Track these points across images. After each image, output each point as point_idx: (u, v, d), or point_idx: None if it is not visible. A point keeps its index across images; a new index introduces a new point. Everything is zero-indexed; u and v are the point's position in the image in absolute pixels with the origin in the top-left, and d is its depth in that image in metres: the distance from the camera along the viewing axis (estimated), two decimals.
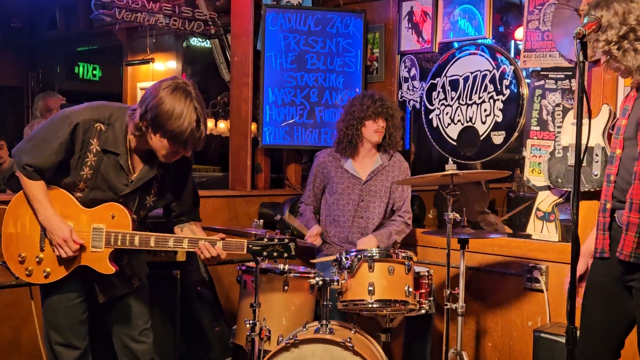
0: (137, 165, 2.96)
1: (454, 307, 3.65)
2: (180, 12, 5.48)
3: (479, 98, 4.47)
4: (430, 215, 5.47)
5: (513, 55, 4.55)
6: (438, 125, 4.68)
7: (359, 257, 3.47)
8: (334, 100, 5.05)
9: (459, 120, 4.56)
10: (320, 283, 3.44)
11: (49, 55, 9.60)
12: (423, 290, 3.67)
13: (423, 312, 3.68)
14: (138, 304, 3.17)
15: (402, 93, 4.97)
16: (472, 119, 4.50)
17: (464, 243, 3.71)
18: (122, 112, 2.90)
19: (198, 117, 2.75)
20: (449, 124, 4.62)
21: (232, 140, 5.18)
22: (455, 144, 4.59)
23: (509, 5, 5.89)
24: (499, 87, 4.37)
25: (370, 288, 3.41)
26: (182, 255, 3.95)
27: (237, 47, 5.14)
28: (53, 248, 2.89)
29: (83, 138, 2.84)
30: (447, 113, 4.63)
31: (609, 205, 2.68)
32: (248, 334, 3.47)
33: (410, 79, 4.93)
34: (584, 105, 2.40)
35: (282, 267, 3.66)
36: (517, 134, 4.29)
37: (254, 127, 5.13)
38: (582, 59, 2.40)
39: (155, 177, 3.01)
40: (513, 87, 4.31)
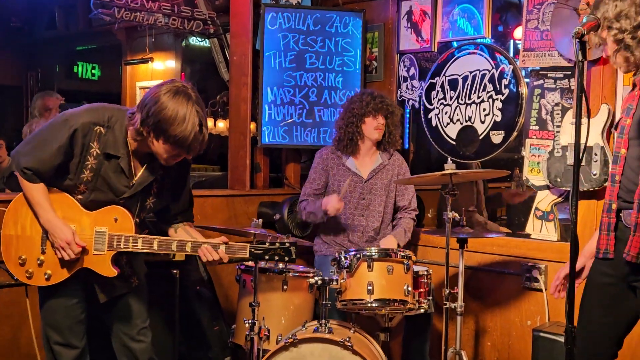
0: (137, 168, 2.96)
1: (453, 306, 3.65)
2: (180, 11, 5.47)
3: (478, 97, 4.47)
4: (430, 215, 5.47)
5: (512, 55, 4.55)
6: (437, 125, 4.68)
7: (358, 256, 3.47)
8: (333, 100, 5.05)
9: (458, 120, 4.57)
10: (319, 282, 3.44)
11: (48, 55, 9.59)
12: (422, 290, 3.67)
13: (422, 311, 3.68)
14: (137, 303, 3.17)
15: (401, 92, 4.96)
16: (471, 119, 4.50)
17: (463, 242, 3.71)
18: (121, 114, 2.90)
19: (200, 120, 2.76)
20: (448, 124, 4.62)
21: (231, 140, 5.18)
22: (454, 144, 4.59)
23: (508, 5, 5.87)
24: (498, 86, 4.37)
25: (370, 287, 3.41)
26: (180, 255, 3.94)
27: (236, 46, 5.14)
28: (55, 250, 2.88)
29: (83, 142, 2.83)
30: (446, 112, 4.64)
31: (615, 206, 2.67)
32: (247, 334, 3.47)
33: (410, 79, 4.93)
34: (583, 105, 2.40)
35: (281, 266, 3.67)
36: (516, 134, 4.29)
37: (253, 126, 5.12)
38: (581, 59, 2.40)
39: (155, 179, 3.01)
40: (512, 86, 4.31)
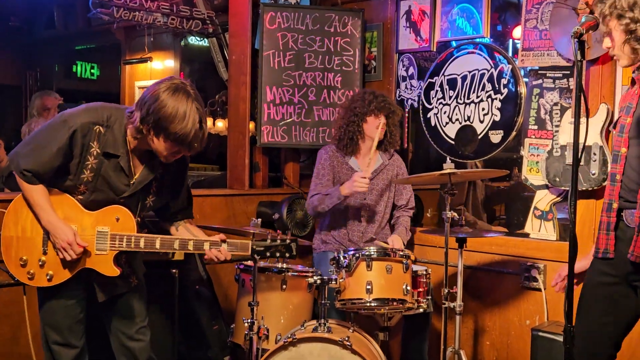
0: (137, 167, 2.96)
1: (452, 305, 3.65)
2: (178, 10, 5.47)
3: (477, 97, 4.47)
4: (429, 214, 5.48)
5: (511, 54, 4.55)
6: (436, 124, 4.68)
7: (357, 255, 3.47)
8: (332, 99, 5.05)
9: (457, 119, 4.57)
10: (319, 282, 3.44)
11: (47, 54, 9.58)
12: (421, 289, 3.68)
13: (421, 310, 3.69)
14: (136, 302, 3.17)
15: (400, 92, 4.97)
16: (470, 118, 4.50)
17: (462, 242, 3.71)
18: (120, 113, 2.90)
19: (200, 117, 2.77)
20: (447, 123, 4.62)
21: (230, 139, 5.18)
22: (453, 143, 4.59)
23: (507, 4, 5.88)
24: (497, 86, 4.37)
25: (369, 287, 3.41)
26: (180, 254, 3.94)
27: (235, 45, 5.13)
28: (56, 251, 2.88)
29: (82, 142, 2.83)
30: (445, 112, 4.64)
31: (615, 205, 2.66)
32: (246, 333, 3.48)
33: (408, 78, 4.93)
34: (582, 104, 2.40)
35: (280, 266, 3.67)
36: (515, 133, 4.30)
37: (252, 126, 5.12)
38: (579, 58, 2.40)
39: (155, 177, 3.01)
40: (511, 86, 4.31)
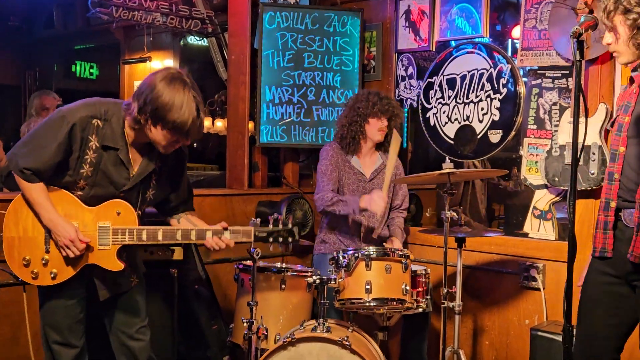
0: (136, 159, 2.96)
1: (451, 305, 3.65)
2: (178, 10, 5.47)
3: (476, 97, 4.47)
4: (428, 214, 5.48)
5: (510, 54, 4.55)
6: (435, 124, 4.68)
7: (356, 255, 3.47)
8: (331, 99, 5.05)
9: (456, 119, 4.57)
10: (318, 281, 3.44)
11: (47, 54, 9.58)
12: (420, 289, 3.68)
13: (420, 310, 3.69)
14: (136, 302, 3.17)
15: (399, 92, 4.97)
16: (469, 118, 4.51)
17: (461, 241, 3.71)
18: (117, 107, 2.91)
19: (197, 105, 2.78)
20: (446, 123, 4.62)
21: (229, 139, 5.18)
22: (453, 143, 4.59)
23: (506, 4, 5.88)
24: (496, 85, 4.38)
25: (368, 286, 3.41)
26: (179, 254, 3.94)
27: (234, 45, 5.13)
28: (59, 249, 2.88)
29: (81, 136, 2.83)
30: (444, 112, 4.64)
31: (614, 204, 2.66)
32: (245, 333, 3.47)
33: (408, 78, 4.93)
34: (581, 104, 2.40)
35: (279, 265, 3.67)
36: (514, 133, 4.30)
37: (251, 125, 5.12)
38: (578, 58, 2.40)
39: (154, 170, 3.01)
40: (510, 85, 4.31)
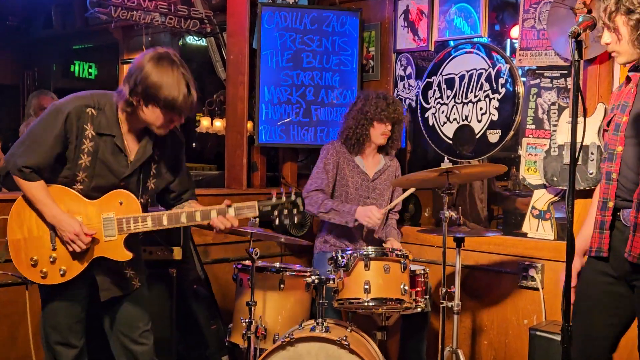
0: (132, 147, 2.97)
1: (450, 305, 3.65)
2: (176, 10, 5.47)
3: (475, 96, 4.47)
4: (426, 214, 5.48)
5: (509, 54, 4.56)
6: (434, 124, 4.69)
7: (355, 255, 3.47)
8: (330, 99, 5.05)
9: (455, 119, 4.57)
10: (316, 281, 3.44)
11: (45, 54, 9.58)
12: (419, 289, 3.68)
13: (419, 310, 3.69)
14: (138, 306, 3.16)
15: (398, 92, 4.97)
16: (467, 118, 4.51)
17: (460, 241, 3.71)
18: (109, 97, 2.94)
19: (187, 82, 2.82)
20: (445, 123, 4.62)
21: (228, 139, 5.18)
22: (451, 143, 4.59)
23: (505, 4, 5.89)
24: (495, 85, 4.38)
25: (366, 286, 3.41)
26: (178, 254, 3.95)
27: (233, 45, 5.13)
28: (65, 245, 2.88)
29: (77, 125, 2.85)
30: (442, 112, 4.64)
31: (611, 204, 2.66)
32: (244, 332, 3.48)
33: (406, 78, 4.93)
34: (579, 104, 2.41)
35: (278, 265, 3.68)
36: (512, 133, 4.30)
37: (250, 125, 5.12)
38: (577, 58, 2.40)
39: (153, 158, 3.03)
40: (509, 85, 4.32)
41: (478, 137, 4.45)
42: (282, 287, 3.62)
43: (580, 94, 2.42)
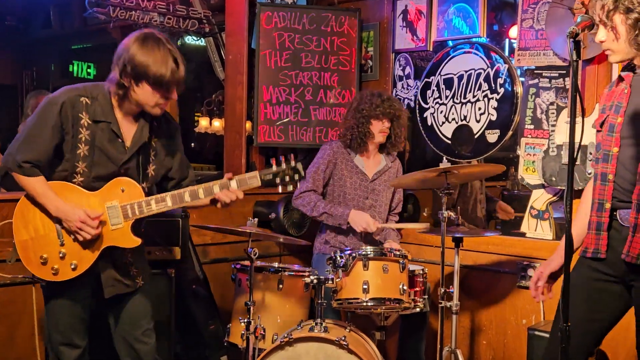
0: (129, 133, 2.99)
1: (449, 305, 3.65)
2: (175, 10, 5.47)
3: (474, 96, 4.47)
4: (425, 214, 5.48)
5: (507, 54, 4.56)
6: (432, 124, 4.69)
7: (354, 255, 3.47)
8: (329, 99, 5.05)
9: (454, 119, 4.57)
10: (315, 281, 3.44)
11: (44, 54, 9.58)
12: (417, 289, 3.68)
13: (418, 310, 3.69)
14: (142, 304, 3.17)
15: (396, 91, 4.97)
16: (466, 118, 4.51)
17: (459, 241, 3.71)
18: (100, 87, 2.99)
19: (174, 57, 2.86)
20: (444, 123, 4.63)
21: (226, 139, 5.18)
22: (450, 143, 4.59)
23: (503, 4, 5.90)
24: (493, 85, 4.38)
25: (365, 286, 3.41)
26: (176, 254, 3.94)
27: (231, 45, 5.14)
28: (73, 236, 2.88)
29: (72, 114, 2.88)
30: (441, 112, 4.64)
31: (608, 205, 2.65)
32: (243, 333, 3.48)
33: (405, 78, 4.94)
34: (578, 104, 2.41)
35: (277, 265, 3.67)
36: (511, 133, 4.30)
37: (249, 125, 5.12)
38: (575, 58, 2.40)
39: (151, 145, 3.04)
40: (507, 85, 4.32)
41: (477, 137, 4.46)
42: (280, 287, 3.62)
43: (579, 94, 2.42)
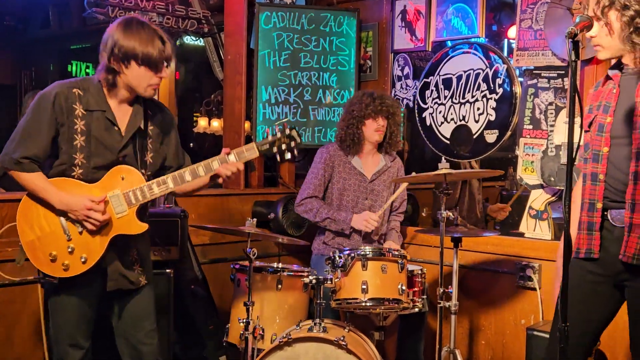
0: (123, 120, 3.00)
1: (447, 305, 3.65)
2: (174, 10, 5.47)
3: (472, 97, 4.48)
4: (424, 214, 5.48)
5: (506, 54, 4.57)
6: (431, 124, 4.69)
7: (353, 255, 3.47)
8: (328, 99, 5.05)
9: (452, 119, 4.57)
10: (314, 282, 3.44)
11: (43, 54, 9.58)
12: (416, 289, 3.68)
13: (416, 310, 3.69)
14: (144, 305, 3.16)
15: (395, 92, 4.97)
16: (465, 118, 4.51)
17: (457, 241, 3.71)
18: (90, 79, 3.01)
19: (160, 35, 2.91)
20: (442, 123, 4.63)
21: (225, 139, 5.18)
22: (449, 143, 4.60)
23: (502, 4, 5.91)
24: (492, 85, 4.38)
25: (364, 286, 3.41)
26: (175, 254, 3.94)
27: (230, 45, 5.13)
28: (80, 230, 2.89)
29: (66, 105, 2.89)
30: (440, 112, 4.64)
31: (600, 205, 2.65)
32: (242, 333, 3.48)
33: (404, 78, 4.94)
34: (576, 104, 2.40)
35: (275, 265, 3.67)
36: (510, 133, 4.31)
37: (248, 125, 5.12)
38: (574, 58, 2.40)
39: (147, 133, 3.05)
40: (506, 85, 4.32)
41: (475, 137, 4.46)
42: (279, 287, 3.62)
43: (577, 94, 2.42)
